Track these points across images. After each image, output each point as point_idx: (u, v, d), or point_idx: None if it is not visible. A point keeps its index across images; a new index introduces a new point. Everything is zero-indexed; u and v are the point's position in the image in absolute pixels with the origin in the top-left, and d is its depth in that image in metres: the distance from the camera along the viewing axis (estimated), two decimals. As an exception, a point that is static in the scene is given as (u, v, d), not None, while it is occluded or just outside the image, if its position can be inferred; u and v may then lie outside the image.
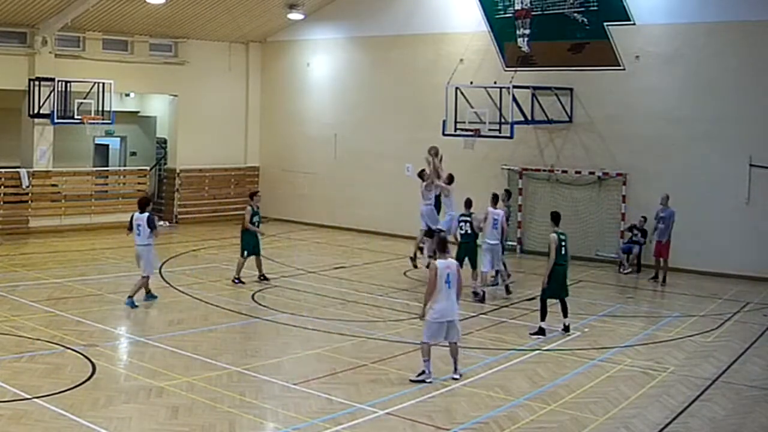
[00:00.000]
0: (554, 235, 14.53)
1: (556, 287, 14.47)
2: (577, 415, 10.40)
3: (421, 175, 19.10)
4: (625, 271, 20.51)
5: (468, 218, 17.30)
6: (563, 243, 14.55)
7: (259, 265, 18.26)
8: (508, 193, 20.22)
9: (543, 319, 14.42)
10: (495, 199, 17.64)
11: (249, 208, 18.22)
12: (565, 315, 14.62)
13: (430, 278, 11.57)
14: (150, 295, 15.97)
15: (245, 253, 18.05)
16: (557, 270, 14.44)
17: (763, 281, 19.36)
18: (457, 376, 11.73)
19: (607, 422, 10.22)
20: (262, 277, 18.22)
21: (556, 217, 14.93)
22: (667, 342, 14.16)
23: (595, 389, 11.48)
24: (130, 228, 15.85)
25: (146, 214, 15.66)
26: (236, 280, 17.92)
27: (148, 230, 15.61)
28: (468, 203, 17.39)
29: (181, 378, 11.33)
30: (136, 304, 15.47)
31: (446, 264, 11.64)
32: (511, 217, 21.29)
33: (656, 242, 19.52)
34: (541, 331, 14.29)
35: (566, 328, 14.52)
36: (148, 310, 15.81)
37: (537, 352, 13.34)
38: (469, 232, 17.28)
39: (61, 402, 10.14)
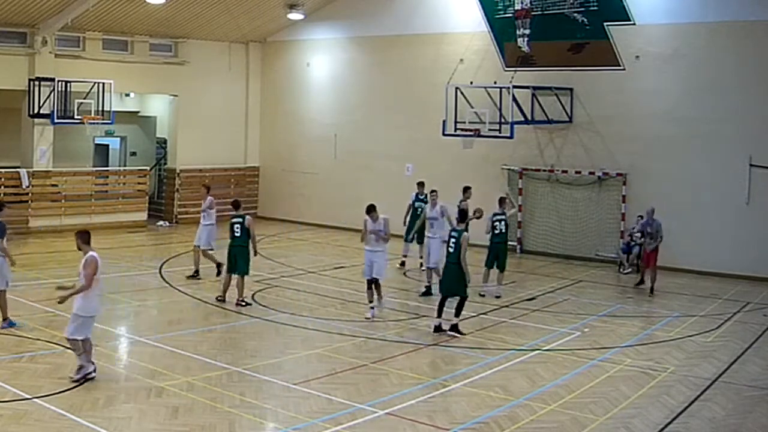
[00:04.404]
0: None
1: None
2: (577, 415, 10.40)
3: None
4: (625, 271, 20.51)
5: (503, 217, 17.39)
6: None
7: (243, 287, 15.96)
8: (466, 189, 19.34)
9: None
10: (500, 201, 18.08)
11: (251, 218, 16.09)
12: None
13: (92, 271, 10.88)
14: (10, 322, 13.63)
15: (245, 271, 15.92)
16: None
17: (763, 281, 19.36)
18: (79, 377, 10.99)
19: (607, 422, 10.22)
20: (243, 302, 15.82)
21: None
22: (667, 342, 14.16)
23: (595, 389, 11.48)
24: None
25: None
26: (242, 302, 15.72)
27: None
28: (501, 201, 17.80)
29: (181, 378, 11.33)
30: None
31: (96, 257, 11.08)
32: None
33: (644, 251, 18.89)
34: None
35: None
36: (148, 310, 15.82)
37: (537, 352, 13.35)
38: (504, 231, 17.32)
39: (61, 402, 10.14)
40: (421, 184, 20.22)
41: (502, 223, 17.40)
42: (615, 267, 20.91)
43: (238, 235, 15.80)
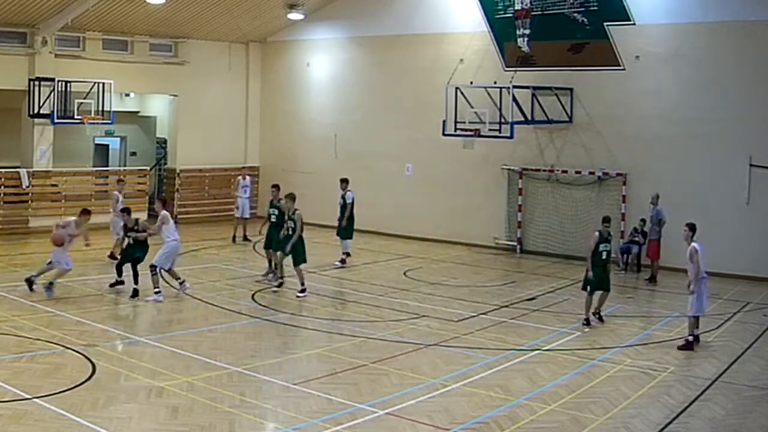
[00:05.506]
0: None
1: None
2: (577, 415, 10.40)
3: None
4: (618, 272, 20.22)
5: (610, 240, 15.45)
6: None
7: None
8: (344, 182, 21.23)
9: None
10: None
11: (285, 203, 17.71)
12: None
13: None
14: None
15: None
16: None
17: (763, 281, 19.37)
18: None
19: (607, 422, 10.22)
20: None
21: None
22: (667, 342, 14.16)
23: (595, 389, 11.48)
24: None
25: None
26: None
27: None
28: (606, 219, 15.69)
29: (181, 378, 11.33)
30: None
31: None
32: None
33: (648, 240, 19.87)
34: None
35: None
36: (148, 310, 15.82)
37: (537, 352, 13.35)
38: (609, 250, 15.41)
39: (61, 402, 10.13)
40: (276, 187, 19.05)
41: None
42: (615, 267, 20.86)
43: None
